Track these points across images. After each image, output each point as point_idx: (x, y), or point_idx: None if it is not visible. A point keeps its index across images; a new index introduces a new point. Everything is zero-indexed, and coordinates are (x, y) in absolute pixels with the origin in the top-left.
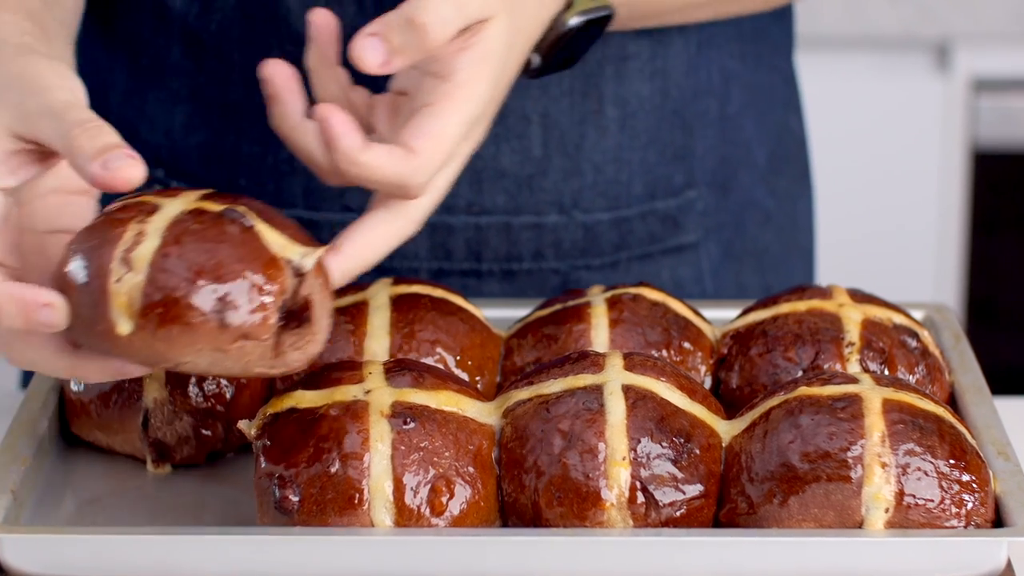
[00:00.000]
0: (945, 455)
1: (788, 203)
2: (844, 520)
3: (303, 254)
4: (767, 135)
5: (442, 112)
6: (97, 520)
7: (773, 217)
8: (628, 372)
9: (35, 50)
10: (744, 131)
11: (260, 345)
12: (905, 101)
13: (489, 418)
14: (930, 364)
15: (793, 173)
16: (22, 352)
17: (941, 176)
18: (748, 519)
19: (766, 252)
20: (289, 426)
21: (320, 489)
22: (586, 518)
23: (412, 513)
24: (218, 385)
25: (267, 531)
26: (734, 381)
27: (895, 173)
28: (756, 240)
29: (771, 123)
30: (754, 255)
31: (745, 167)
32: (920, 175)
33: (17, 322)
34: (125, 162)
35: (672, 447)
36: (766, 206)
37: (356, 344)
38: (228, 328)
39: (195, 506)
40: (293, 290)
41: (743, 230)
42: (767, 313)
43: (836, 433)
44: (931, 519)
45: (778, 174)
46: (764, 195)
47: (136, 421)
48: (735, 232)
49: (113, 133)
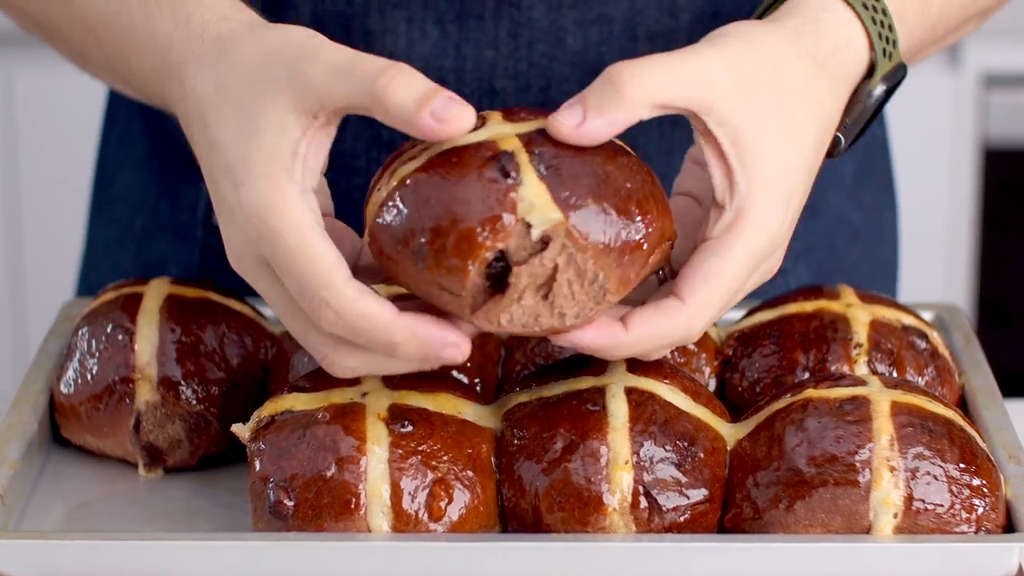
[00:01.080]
0: (955, 459)
1: (874, 216)
2: (852, 525)
3: (547, 221)
4: (855, 150)
5: (719, 248)
6: (88, 525)
7: (860, 232)
8: (631, 374)
9: (259, 22)
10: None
11: (456, 299)
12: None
13: (489, 421)
14: (940, 366)
15: (878, 183)
16: (344, 359)
17: (951, 174)
18: (753, 524)
19: (855, 270)
20: (284, 429)
21: (316, 493)
22: (588, 523)
23: (410, 518)
24: (211, 388)
25: (261, 537)
26: (739, 383)
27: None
28: (845, 258)
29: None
30: (843, 274)
31: (834, 186)
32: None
33: (415, 361)
34: (455, 109)
35: (676, 451)
36: (853, 222)
37: None
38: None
39: (188, 511)
40: (528, 253)
41: (832, 249)
42: (773, 314)
43: (844, 436)
44: (941, 524)
45: (864, 186)
46: (851, 211)
47: (127, 424)
48: (825, 253)
49: (419, 74)
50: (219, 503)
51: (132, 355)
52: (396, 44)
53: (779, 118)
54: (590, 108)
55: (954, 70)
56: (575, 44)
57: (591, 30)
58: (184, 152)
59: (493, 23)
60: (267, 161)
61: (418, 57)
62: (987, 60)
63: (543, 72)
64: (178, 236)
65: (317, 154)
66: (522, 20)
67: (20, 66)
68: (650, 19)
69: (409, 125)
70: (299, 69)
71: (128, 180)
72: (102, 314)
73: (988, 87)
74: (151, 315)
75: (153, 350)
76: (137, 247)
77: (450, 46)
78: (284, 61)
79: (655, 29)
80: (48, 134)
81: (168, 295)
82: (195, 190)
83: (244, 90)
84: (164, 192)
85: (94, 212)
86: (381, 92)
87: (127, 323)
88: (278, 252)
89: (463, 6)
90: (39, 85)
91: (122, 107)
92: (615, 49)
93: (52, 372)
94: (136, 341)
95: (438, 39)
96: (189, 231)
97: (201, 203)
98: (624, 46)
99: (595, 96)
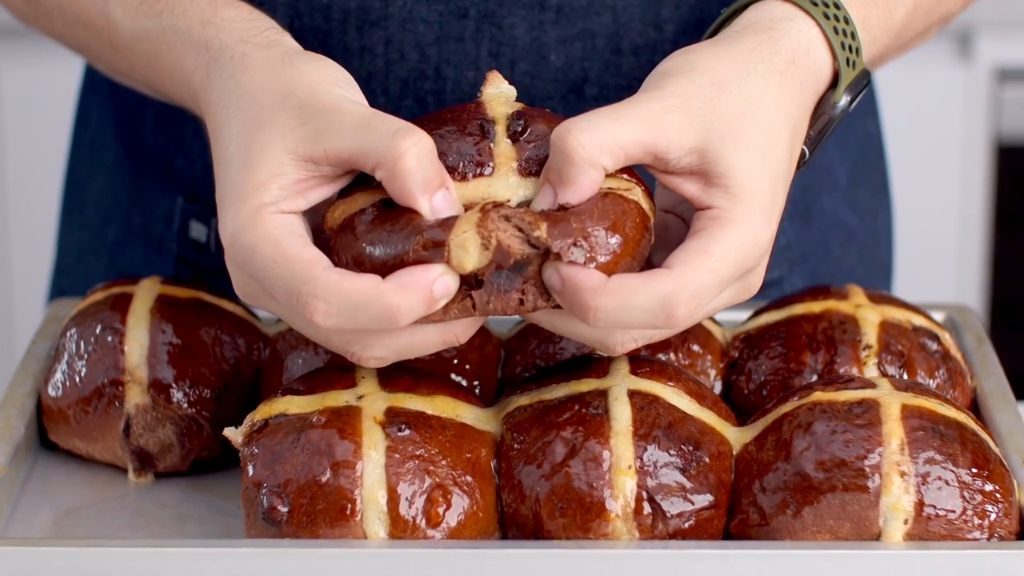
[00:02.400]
0: (967, 463)
1: (869, 218)
2: (861, 532)
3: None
4: (848, 149)
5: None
6: (76, 532)
7: (856, 235)
8: (634, 376)
9: (287, 49)
10: (826, 154)
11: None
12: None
13: (488, 425)
14: (951, 368)
15: (873, 183)
16: (366, 349)
17: (963, 170)
18: (760, 531)
19: (851, 274)
20: (278, 433)
21: (310, 499)
22: (590, 530)
23: (407, 524)
24: (203, 391)
25: (255, 543)
26: (745, 386)
27: (915, 166)
28: (841, 262)
29: (852, 137)
30: (840, 279)
31: (827, 190)
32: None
33: (430, 329)
34: (449, 205)
35: (680, 455)
36: (849, 224)
37: None
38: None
39: (179, 517)
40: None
41: (828, 254)
42: (780, 314)
43: (852, 440)
44: (952, 531)
45: (859, 187)
46: (846, 213)
47: (117, 428)
48: (820, 259)
49: (434, 154)
50: (211, 509)
51: (122, 357)
52: (375, 64)
53: (747, 132)
54: (555, 184)
55: (966, 64)
56: (557, 61)
57: (574, 46)
58: (158, 160)
59: (474, 43)
60: (253, 191)
61: (396, 79)
62: (1000, 53)
63: (525, 91)
64: (151, 248)
65: (307, 194)
66: (503, 39)
67: (3, 60)
68: (634, 32)
69: (406, 198)
70: (310, 119)
71: (100, 185)
72: (91, 315)
73: (1001, 81)
74: (141, 316)
75: (143, 352)
76: (110, 256)
77: (430, 68)
78: (296, 106)
79: (640, 42)
80: (35, 131)
81: (159, 295)
82: (169, 201)
83: (248, 127)
84: (136, 200)
85: (65, 216)
86: (396, 159)
87: (116, 324)
88: (257, 267)
89: (442, 28)
90: (23, 80)
91: (94, 109)
92: (599, 64)
93: (39, 374)
94: (126, 342)
95: (417, 62)
96: (163, 243)
97: (176, 215)
98: (608, 60)
99: (553, 171)
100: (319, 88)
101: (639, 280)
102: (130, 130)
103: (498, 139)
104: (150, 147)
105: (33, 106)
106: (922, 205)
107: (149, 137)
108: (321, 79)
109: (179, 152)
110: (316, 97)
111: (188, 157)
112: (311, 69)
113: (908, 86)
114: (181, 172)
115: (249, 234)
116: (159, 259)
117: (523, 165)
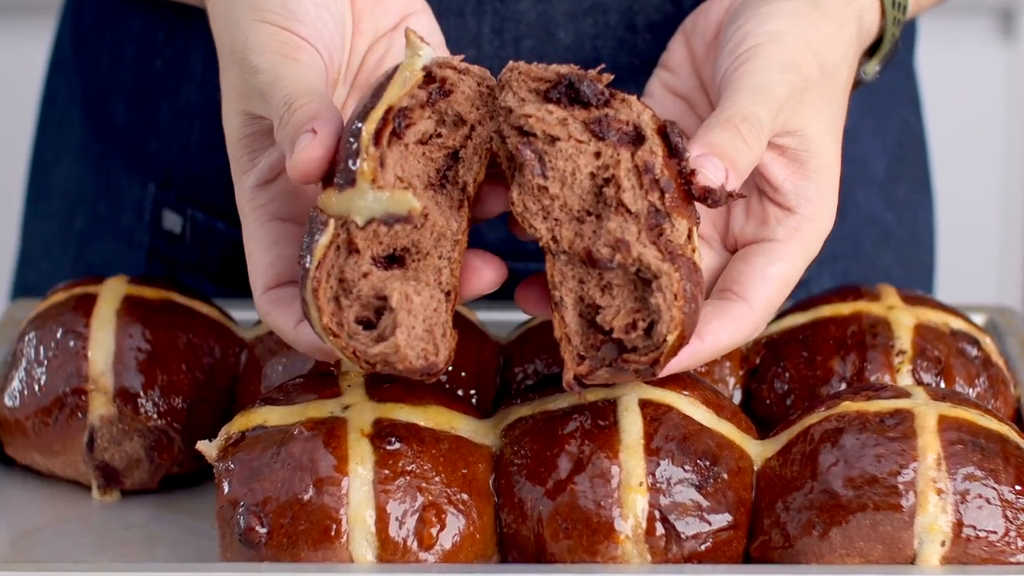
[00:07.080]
0: (1010, 480)
1: (908, 214)
2: (894, 555)
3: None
4: (886, 140)
5: (787, 253)
6: (36, 554)
7: (893, 233)
8: (645, 384)
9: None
10: (862, 144)
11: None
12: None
13: (486, 437)
14: (992, 375)
15: (913, 177)
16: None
17: (1005, 160)
18: (783, 554)
19: (887, 275)
20: (256, 447)
21: (291, 519)
22: (597, 552)
23: (397, 547)
24: (173, 400)
25: (230, 567)
26: (768, 395)
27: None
28: (875, 262)
29: (890, 126)
30: (872, 281)
31: (862, 183)
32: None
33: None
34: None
35: (696, 471)
36: (885, 221)
37: None
38: None
39: (147, 538)
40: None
41: (860, 254)
42: (805, 317)
43: (885, 455)
44: (994, 553)
45: (897, 181)
46: (882, 209)
47: (80, 441)
48: (852, 259)
49: (331, 108)
50: (182, 529)
51: (85, 363)
52: None
53: (831, 115)
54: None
55: (1008, 42)
56: (566, 38)
57: (584, 22)
58: (129, 142)
59: (475, 18)
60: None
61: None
62: None
63: None
64: (121, 240)
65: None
66: (507, 14)
67: None
68: (650, 7)
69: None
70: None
71: (66, 171)
72: (51, 317)
73: None
74: (106, 318)
75: (108, 358)
76: (78, 249)
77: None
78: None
79: (656, 18)
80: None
81: (125, 295)
82: (139, 188)
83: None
84: (104, 188)
85: (30, 205)
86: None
87: (79, 327)
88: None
89: (441, 2)
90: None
91: (61, 86)
92: (612, 42)
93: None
94: (90, 348)
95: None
96: (133, 235)
97: (148, 204)
98: (623, 38)
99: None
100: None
101: (730, 331)
102: (99, 110)
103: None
104: (120, 128)
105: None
106: (960, 200)
107: (120, 116)
108: (272, 40)
109: (152, 134)
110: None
111: (162, 139)
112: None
113: (948, 65)
114: (154, 156)
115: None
116: (130, 252)
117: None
